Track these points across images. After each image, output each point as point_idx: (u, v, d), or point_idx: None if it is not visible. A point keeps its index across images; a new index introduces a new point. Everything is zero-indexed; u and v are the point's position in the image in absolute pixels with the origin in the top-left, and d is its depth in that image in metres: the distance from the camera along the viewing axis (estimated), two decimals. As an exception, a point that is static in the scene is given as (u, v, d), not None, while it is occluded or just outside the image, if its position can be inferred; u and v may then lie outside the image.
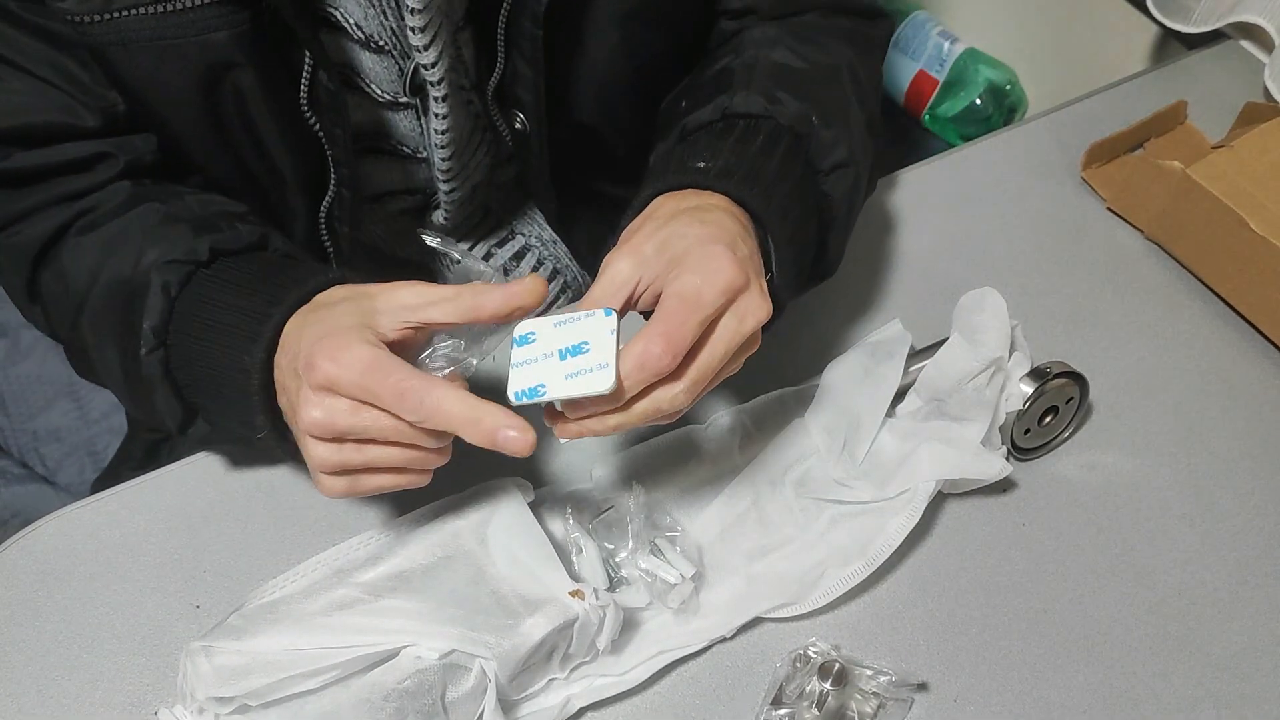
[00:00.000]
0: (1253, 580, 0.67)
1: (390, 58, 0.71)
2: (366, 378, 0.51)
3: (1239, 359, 0.78)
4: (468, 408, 0.51)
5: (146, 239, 0.61)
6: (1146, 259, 0.84)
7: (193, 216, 0.63)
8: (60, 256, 0.64)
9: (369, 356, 0.51)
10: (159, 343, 0.59)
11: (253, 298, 0.58)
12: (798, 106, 0.65)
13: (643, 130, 0.78)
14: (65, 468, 1.00)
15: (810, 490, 0.67)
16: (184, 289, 0.60)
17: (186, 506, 0.67)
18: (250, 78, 0.63)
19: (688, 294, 0.53)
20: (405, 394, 0.50)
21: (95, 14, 0.58)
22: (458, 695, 0.56)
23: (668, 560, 0.63)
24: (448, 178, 0.78)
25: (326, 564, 0.60)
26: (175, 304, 0.59)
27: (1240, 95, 0.93)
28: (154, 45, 0.60)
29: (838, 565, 0.64)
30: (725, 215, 0.58)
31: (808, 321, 0.78)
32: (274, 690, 0.55)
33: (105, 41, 0.60)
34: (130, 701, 0.60)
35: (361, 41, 0.69)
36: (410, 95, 0.73)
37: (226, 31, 0.61)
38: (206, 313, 0.59)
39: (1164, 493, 0.71)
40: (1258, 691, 0.62)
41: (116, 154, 0.65)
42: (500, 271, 0.81)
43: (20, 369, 1.05)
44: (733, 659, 0.62)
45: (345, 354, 0.51)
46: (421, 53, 0.68)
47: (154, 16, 0.59)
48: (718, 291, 0.54)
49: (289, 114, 0.66)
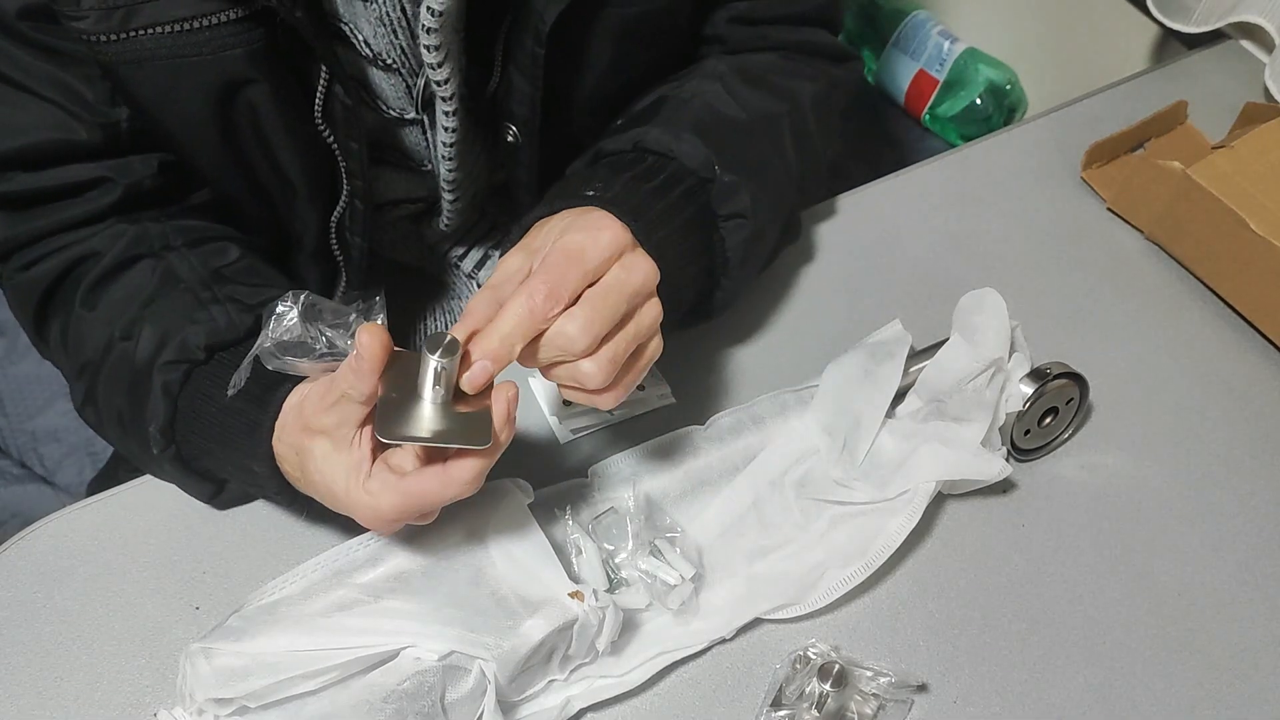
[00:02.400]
0: (1253, 580, 0.67)
1: (398, 75, 0.71)
2: (388, 515, 0.54)
3: (1239, 359, 0.78)
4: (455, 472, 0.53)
5: (146, 318, 0.63)
6: (1146, 259, 0.84)
7: (189, 288, 0.64)
8: (66, 314, 0.66)
9: (398, 501, 0.53)
10: (168, 442, 0.62)
11: (242, 398, 0.58)
12: (704, 153, 0.65)
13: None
14: (64, 468, 1.00)
15: (810, 491, 0.67)
16: (184, 386, 0.61)
17: (186, 507, 0.67)
18: (265, 93, 0.63)
19: (570, 248, 0.54)
20: (380, 513, 0.53)
21: (112, 33, 0.59)
22: (457, 696, 0.55)
23: (667, 561, 0.63)
24: (452, 188, 0.79)
25: (326, 565, 0.60)
26: (178, 403, 0.61)
27: (1240, 95, 0.93)
28: (169, 63, 0.60)
29: (838, 566, 0.64)
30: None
31: (808, 321, 0.78)
32: (273, 692, 0.55)
33: (121, 60, 0.60)
34: (129, 703, 0.59)
35: (369, 59, 0.70)
36: (419, 111, 0.73)
37: (243, 49, 0.61)
38: (208, 412, 0.61)
39: (1164, 493, 0.71)
40: (1258, 691, 0.62)
41: (114, 178, 0.65)
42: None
43: (19, 369, 1.05)
44: (733, 660, 0.62)
45: (381, 509, 0.53)
46: (435, 70, 0.68)
47: (170, 35, 0.59)
48: (601, 246, 0.54)
49: (303, 128, 0.66)
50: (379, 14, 0.67)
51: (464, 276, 0.88)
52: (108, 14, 0.58)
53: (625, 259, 0.56)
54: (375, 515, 0.53)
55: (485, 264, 0.88)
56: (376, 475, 0.53)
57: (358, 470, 0.53)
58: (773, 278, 0.80)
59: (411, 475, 0.53)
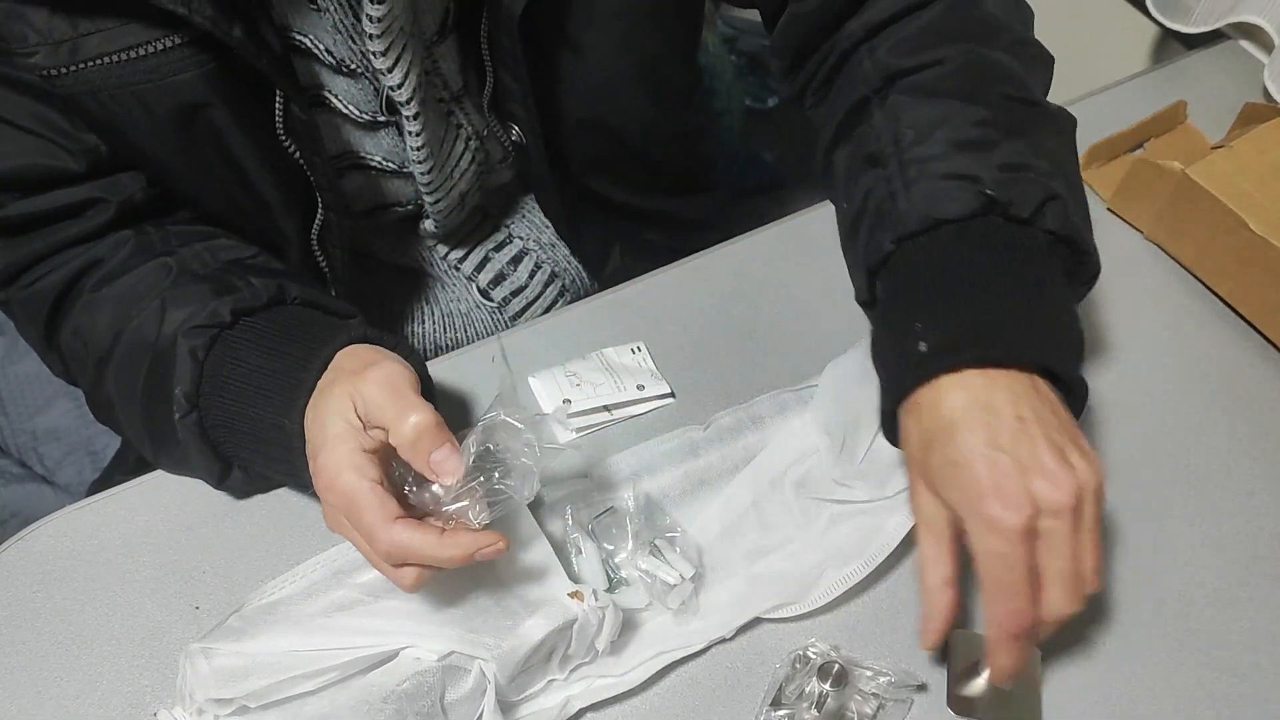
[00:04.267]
0: (1253, 580, 0.67)
1: (364, 79, 0.71)
2: (351, 514, 0.53)
3: (1239, 359, 0.78)
4: (431, 545, 0.53)
5: (167, 302, 0.62)
6: (1146, 259, 0.84)
7: (208, 273, 0.64)
8: (76, 313, 0.65)
9: (350, 490, 0.53)
10: (191, 406, 0.61)
11: (281, 359, 0.59)
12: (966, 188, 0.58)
13: (655, 123, 0.77)
14: (64, 468, 1.00)
15: (810, 490, 0.67)
16: (210, 352, 0.61)
17: (186, 507, 0.67)
18: (224, 114, 0.63)
19: (989, 561, 0.52)
20: (373, 536, 0.53)
21: (63, 66, 0.59)
22: (457, 697, 0.56)
23: (667, 561, 0.63)
24: (430, 189, 0.78)
25: (325, 565, 0.60)
26: (204, 367, 0.61)
27: (1240, 95, 0.93)
28: (122, 92, 0.60)
29: (837, 565, 0.64)
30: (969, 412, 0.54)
31: (808, 321, 0.78)
32: (273, 692, 0.55)
33: (76, 91, 0.60)
34: (129, 703, 0.59)
35: (333, 66, 0.69)
36: (388, 114, 0.73)
37: (193, 73, 0.61)
38: (238, 375, 0.60)
39: (1164, 493, 0.71)
40: (1258, 691, 0.62)
41: (107, 197, 0.65)
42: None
43: (19, 368, 1.05)
44: (732, 660, 0.62)
45: (337, 484, 0.53)
46: (386, 75, 0.68)
47: (120, 64, 0.59)
48: (1012, 539, 0.51)
49: (268, 144, 0.66)
50: (332, 22, 0.67)
51: (464, 279, 0.88)
52: (55, 48, 0.58)
53: (1043, 512, 0.52)
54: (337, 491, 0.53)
55: (485, 266, 0.88)
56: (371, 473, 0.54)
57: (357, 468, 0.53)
58: (773, 277, 0.80)
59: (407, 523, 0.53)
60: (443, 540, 0.53)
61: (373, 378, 0.55)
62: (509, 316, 0.88)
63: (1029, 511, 0.51)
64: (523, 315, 0.89)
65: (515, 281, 0.88)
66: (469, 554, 0.54)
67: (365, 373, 0.55)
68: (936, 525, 0.56)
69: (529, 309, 0.89)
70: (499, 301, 0.88)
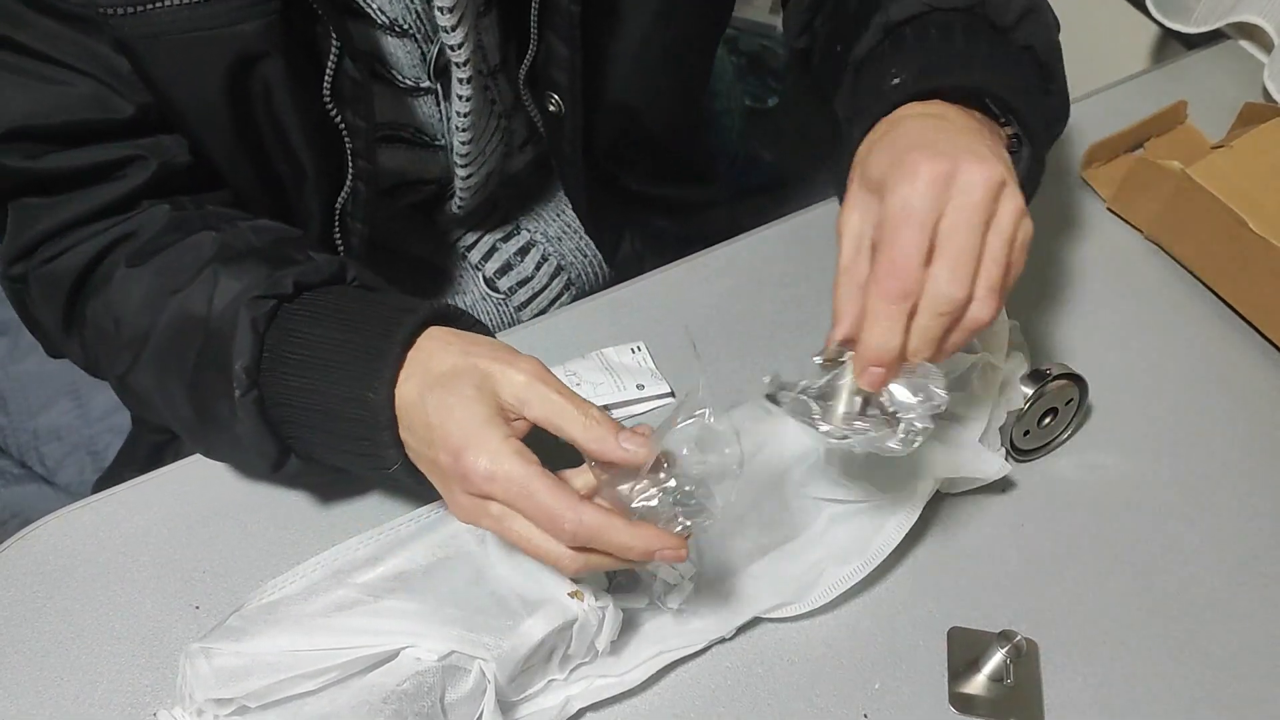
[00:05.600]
0: (1253, 580, 0.67)
1: (413, 41, 0.70)
2: (523, 500, 0.50)
3: (1239, 359, 0.78)
4: (621, 529, 0.50)
5: (220, 273, 0.59)
6: (1146, 259, 0.84)
7: (258, 248, 0.61)
8: (108, 287, 0.62)
9: (521, 476, 0.50)
10: (252, 383, 0.57)
11: (356, 330, 0.56)
12: None
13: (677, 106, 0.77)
14: (65, 467, 1.00)
15: (809, 490, 0.67)
16: (271, 325, 0.57)
17: (186, 507, 0.67)
18: (278, 70, 0.62)
19: (898, 214, 0.52)
20: (558, 517, 0.50)
21: (127, 6, 0.58)
22: (457, 697, 0.55)
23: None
24: (466, 163, 0.78)
25: (326, 565, 0.60)
26: (264, 340, 0.57)
27: (1240, 95, 0.93)
28: (184, 39, 0.59)
29: (836, 564, 0.64)
30: (922, 119, 0.57)
31: (808, 321, 0.78)
32: (273, 692, 0.55)
33: (136, 34, 0.59)
34: (129, 703, 0.59)
35: (385, 26, 0.69)
36: (433, 80, 0.73)
37: (256, 22, 0.60)
38: (306, 349, 0.56)
39: (1164, 493, 0.71)
40: (1258, 691, 0.62)
41: (148, 156, 0.63)
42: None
43: (20, 368, 1.05)
44: (732, 659, 0.62)
45: (501, 471, 0.50)
46: (449, 33, 0.67)
47: (186, 7, 0.58)
48: (923, 193, 0.52)
49: (312, 107, 0.65)
50: None
51: (471, 268, 0.88)
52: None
53: (958, 183, 0.53)
54: (500, 478, 0.50)
55: (492, 255, 0.88)
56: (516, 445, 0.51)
57: (520, 453, 0.51)
58: (773, 277, 0.80)
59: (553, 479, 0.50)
60: (632, 527, 0.50)
61: (525, 369, 0.53)
62: (515, 308, 0.88)
63: (946, 166, 0.52)
64: (528, 307, 0.89)
65: (522, 272, 0.88)
66: (653, 549, 0.51)
67: (512, 361, 0.53)
68: (858, 227, 0.56)
69: (534, 300, 0.89)
70: (505, 292, 0.88)
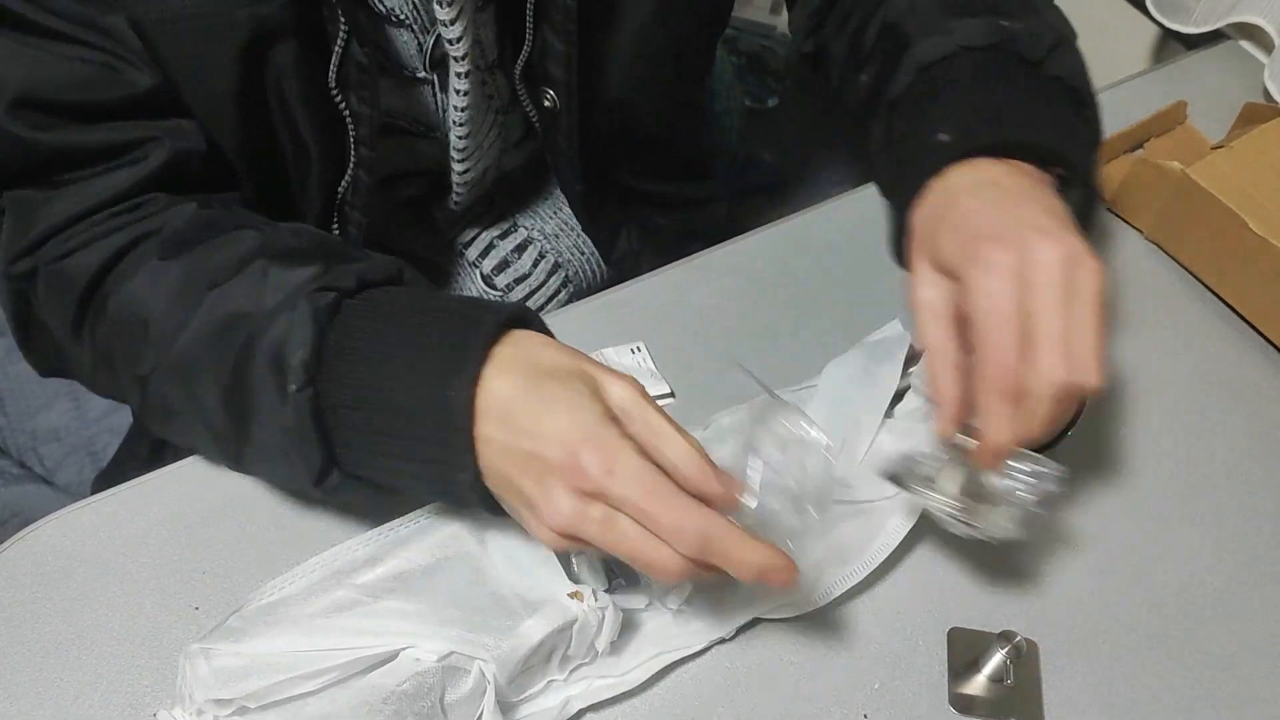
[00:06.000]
0: (1253, 580, 0.67)
1: (410, 31, 0.70)
2: (647, 498, 0.49)
3: (1239, 359, 0.78)
4: (738, 539, 0.49)
5: (270, 265, 0.55)
6: (1146, 259, 0.84)
7: (304, 247, 0.58)
8: (132, 282, 0.59)
9: (648, 473, 0.49)
10: (310, 378, 0.52)
11: (434, 327, 0.53)
12: (976, 22, 0.64)
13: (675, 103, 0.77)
14: (64, 468, 1.00)
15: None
16: (333, 319, 0.54)
17: (186, 507, 0.67)
18: (291, 54, 0.62)
19: (988, 311, 0.52)
20: (683, 514, 0.49)
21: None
22: (457, 697, 0.55)
23: (667, 561, 0.62)
24: (463, 156, 0.78)
25: (325, 565, 0.60)
26: (327, 334, 0.53)
27: (1240, 95, 0.93)
28: (199, 23, 0.58)
29: (836, 565, 0.64)
30: (978, 193, 0.57)
31: (808, 321, 0.78)
32: (273, 692, 0.55)
33: (150, 18, 0.58)
34: (129, 703, 0.59)
35: (383, 15, 0.69)
36: (429, 70, 0.73)
37: (274, 3, 0.60)
38: (375, 343, 0.53)
39: (1164, 493, 0.71)
40: (1258, 691, 0.62)
41: (163, 138, 0.61)
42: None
43: (19, 367, 1.05)
44: (732, 659, 0.62)
45: (623, 468, 0.49)
46: (447, 27, 0.67)
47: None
48: (1002, 285, 0.52)
49: (318, 94, 0.65)
50: None
51: (468, 265, 0.88)
52: None
53: (1036, 266, 0.52)
54: (623, 474, 0.48)
55: (489, 253, 0.88)
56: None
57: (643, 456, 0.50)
58: (773, 277, 0.80)
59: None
60: (753, 542, 0.50)
61: (628, 382, 0.52)
62: None
63: (1018, 254, 0.52)
64: (525, 304, 0.89)
65: (519, 269, 0.88)
66: (763, 567, 0.50)
67: (614, 373, 0.52)
68: (937, 305, 0.56)
69: (531, 298, 0.89)
70: (503, 289, 0.88)
